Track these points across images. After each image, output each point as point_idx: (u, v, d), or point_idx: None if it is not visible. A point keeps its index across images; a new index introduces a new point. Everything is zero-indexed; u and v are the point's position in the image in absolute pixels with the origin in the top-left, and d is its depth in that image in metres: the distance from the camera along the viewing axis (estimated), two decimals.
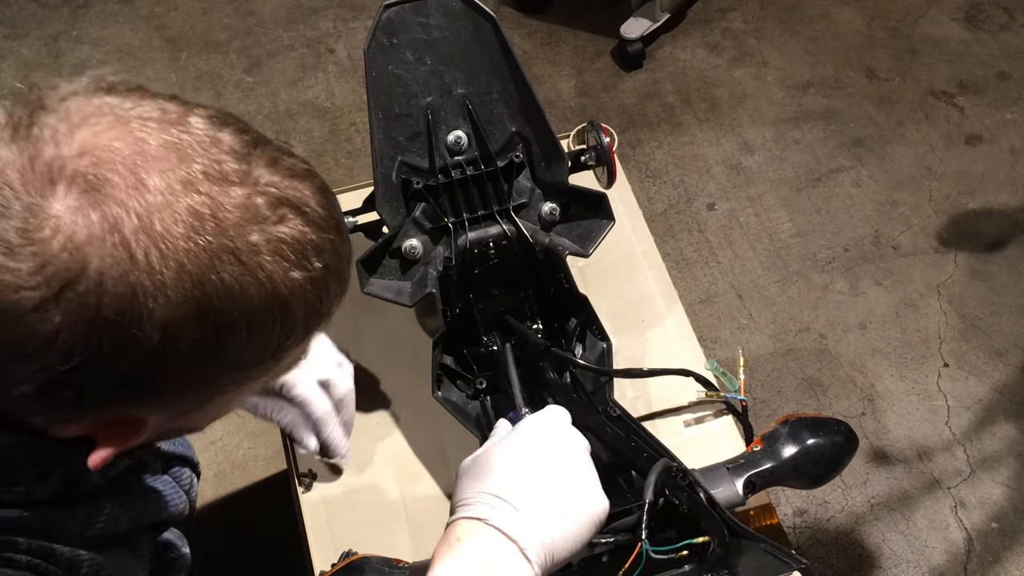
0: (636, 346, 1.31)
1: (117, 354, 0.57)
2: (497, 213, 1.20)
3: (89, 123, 0.58)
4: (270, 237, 0.60)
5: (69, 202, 0.55)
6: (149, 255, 0.56)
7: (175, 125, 0.60)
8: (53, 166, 0.56)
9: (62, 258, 0.55)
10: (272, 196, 0.61)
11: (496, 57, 1.16)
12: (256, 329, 0.62)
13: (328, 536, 1.17)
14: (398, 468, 1.22)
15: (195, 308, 0.58)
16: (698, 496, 0.96)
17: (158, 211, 0.56)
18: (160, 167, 0.57)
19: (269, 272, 0.60)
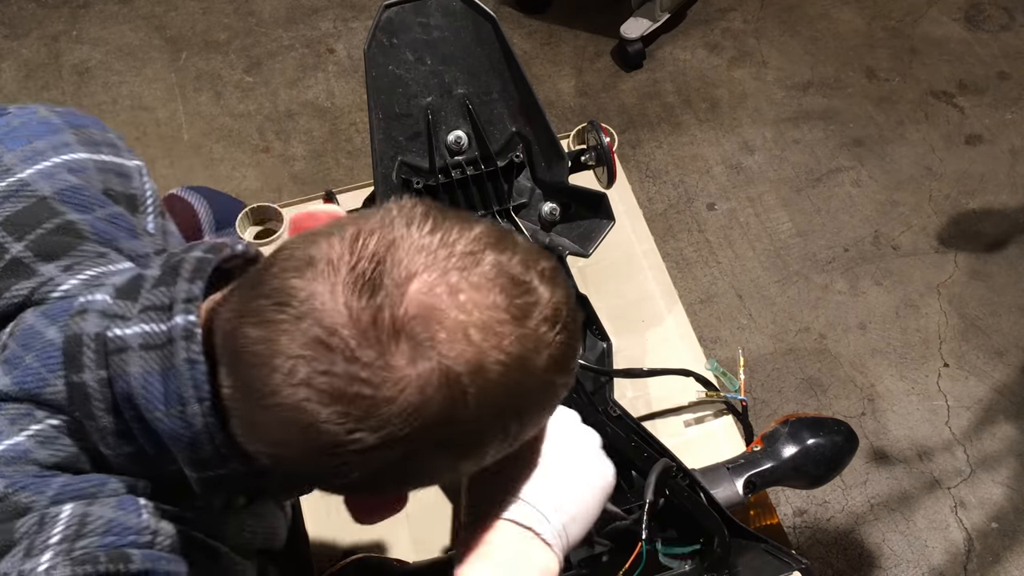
0: (636, 346, 1.31)
1: (432, 471, 0.67)
2: (497, 213, 1.20)
3: (418, 276, 0.61)
4: (550, 358, 0.65)
5: (410, 356, 0.60)
6: (479, 400, 0.62)
7: (475, 267, 0.64)
8: (396, 322, 0.60)
9: (409, 407, 0.60)
10: (548, 317, 0.65)
11: (496, 57, 1.16)
12: (532, 429, 0.70)
13: (329, 536, 1.17)
14: None
15: (501, 432, 0.66)
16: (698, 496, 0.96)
17: (482, 357, 0.61)
18: (475, 316, 0.62)
19: (553, 388, 0.68)
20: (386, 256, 0.62)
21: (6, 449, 0.67)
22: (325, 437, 0.60)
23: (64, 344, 0.68)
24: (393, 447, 0.61)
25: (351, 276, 0.61)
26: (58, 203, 0.77)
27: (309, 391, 0.59)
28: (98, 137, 0.85)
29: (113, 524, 0.67)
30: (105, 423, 0.68)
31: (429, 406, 0.60)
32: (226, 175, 2.71)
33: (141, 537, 0.68)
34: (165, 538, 0.70)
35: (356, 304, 0.60)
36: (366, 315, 0.59)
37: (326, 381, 0.59)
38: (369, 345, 0.59)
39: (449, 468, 0.67)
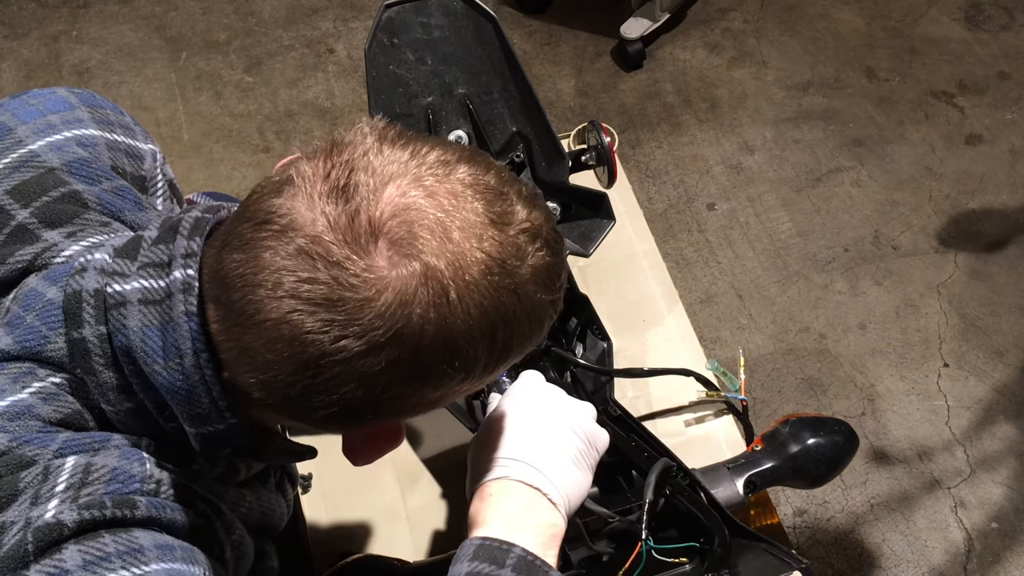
0: (636, 346, 1.31)
1: (428, 387, 0.65)
2: None
3: (394, 182, 0.63)
4: (533, 269, 0.66)
5: (389, 257, 0.61)
6: (463, 301, 0.62)
7: (450, 176, 0.65)
8: (373, 224, 0.61)
9: (390, 312, 0.60)
10: (528, 231, 0.66)
11: (497, 57, 1.16)
12: (524, 346, 0.69)
13: (328, 536, 1.17)
14: (398, 469, 1.21)
15: (490, 341, 0.65)
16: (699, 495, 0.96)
17: (463, 260, 0.62)
18: (455, 220, 0.63)
19: (536, 302, 0.67)
20: (359, 164, 0.63)
21: (9, 405, 0.68)
22: (311, 349, 0.60)
23: (64, 302, 0.69)
24: (378, 354, 0.61)
25: (326, 186, 0.62)
26: (65, 174, 0.78)
27: (294, 302, 0.60)
28: (113, 118, 0.86)
29: (118, 472, 0.68)
30: (106, 378, 0.69)
31: (411, 306, 0.60)
32: (226, 175, 2.71)
33: (145, 485, 0.69)
34: (168, 487, 0.70)
35: (333, 211, 0.61)
36: (343, 220, 0.61)
37: (309, 289, 0.60)
38: (349, 249, 0.60)
39: (437, 383, 0.65)
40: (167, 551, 0.67)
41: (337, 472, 1.22)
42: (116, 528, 0.65)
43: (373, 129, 0.67)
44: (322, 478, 1.21)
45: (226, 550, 0.76)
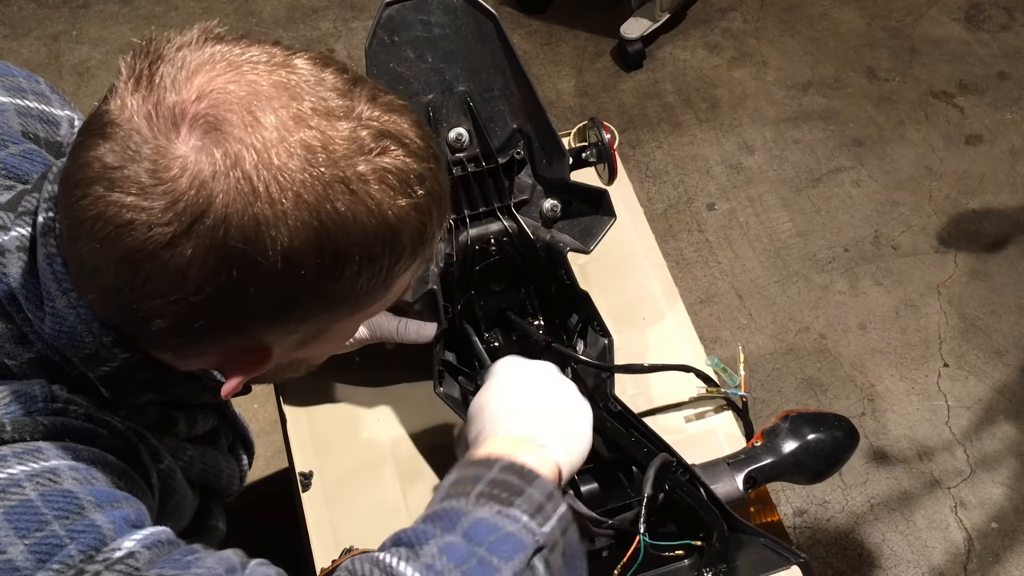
0: (637, 343, 1.31)
1: (245, 281, 0.62)
2: (498, 210, 1.20)
3: (204, 69, 0.63)
4: (376, 167, 0.64)
5: (193, 143, 0.60)
6: (269, 187, 0.60)
7: (282, 67, 0.64)
8: (175, 110, 0.61)
9: (190, 195, 0.59)
10: (375, 129, 0.65)
11: (497, 54, 1.16)
12: (369, 255, 0.66)
13: (329, 533, 1.17)
14: (400, 465, 1.22)
15: (313, 235, 0.62)
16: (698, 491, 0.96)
17: (274, 146, 0.61)
18: (273, 105, 0.62)
19: (377, 200, 0.64)
20: (169, 56, 0.64)
21: None
22: (124, 241, 0.60)
23: None
24: (183, 243, 0.60)
25: (134, 75, 0.63)
26: None
27: (104, 192, 0.60)
28: (25, 85, 0.86)
29: (18, 394, 0.68)
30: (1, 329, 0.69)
31: (211, 191, 0.59)
32: None
33: (51, 405, 0.69)
34: (79, 408, 0.70)
35: (138, 100, 0.61)
36: (147, 108, 0.61)
37: (120, 175, 0.60)
38: (153, 135, 0.60)
39: (260, 282, 0.63)
40: (70, 451, 0.67)
41: (337, 469, 1.22)
42: (18, 443, 0.66)
43: (202, 29, 0.67)
44: (322, 475, 1.21)
45: (151, 475, 0.76)
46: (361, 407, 1.26)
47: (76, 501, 0.64)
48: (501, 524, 0.71)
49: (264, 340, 0.70)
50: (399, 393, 1.27)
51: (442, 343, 1.17)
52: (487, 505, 0.72)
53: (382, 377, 1.28)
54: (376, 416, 1.26)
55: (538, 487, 0.75)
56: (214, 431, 0.93)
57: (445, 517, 0.72)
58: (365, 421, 1.25)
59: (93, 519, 0.64)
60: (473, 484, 0.75)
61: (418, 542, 0.70)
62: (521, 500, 0.73)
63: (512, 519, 0.71)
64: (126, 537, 0.64)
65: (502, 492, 0.74)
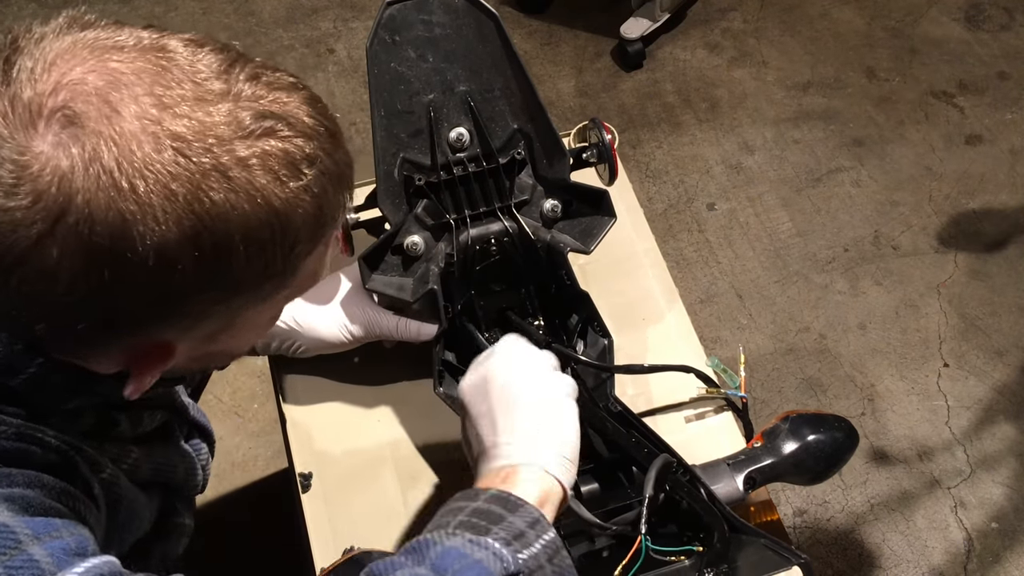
0: (637, 344, 1.31)
1: (117, 280, 0.59)
2: (499, 210, 1.20)
3: (63, 59, 0.60)
4: (258, 151, 0.61)
5: (50, 139, 0.57)
6: (132, 182, 0.57)
7: (151, 51, 0.61)
8: (32, 106, 0.58)
9: (51, 193, 0.57)
10: (256, 110, 0.62)
11: (498, 54, 1.16)
12: (255, 244, 0.63)
13: (329, 533, 1.17)
14: (399, 465, 1.22)
15: (188, 229, 0.59)
16: (698, 491, 0.96)
17: (135, 138, 0.58)
18: (135, 93, 0.59)
19: (260, 186, 0.61)
20: (29, 47, 0.61)
21: None
22: None
23: None
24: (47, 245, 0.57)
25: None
26: None
27: None
28: None
29: None
30: None
31: (71, 189, 0.57)
32: None
33: None
34: (9, 427, 0.67)
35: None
36: (3, 101, 0.58)
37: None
38: (11, 134, 0.58)
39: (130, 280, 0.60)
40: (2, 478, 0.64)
41: (337, 470, 1.22)
42: None
43: (68, 16, 0.64)
44: (322, 476, 1.21)
45: (93, 487, 0.73)
46: (361, 407, 1.26)
47: (12, 535, 0.61)
48: (469, 552, 0.69)
49: (161, 338, 0.67)
50: (399, 393, 1.27)
51: (442, 343, 1.17)
52: (461, 535, 0.71)
53: (382, 377, 1.28)
54: (376, 416, 1.26)
55: (522, 515, 0.75)
56: (165, 425, 0.90)
57: (418, 549, 0.71)
58: (365, 421, 1.25)
59: (31, 553, 0.61)
60: (455, 515, 0.75)
61: (386, 574, 0.69)
62: (499, 528, 0.72)
63: (482, 547, 0.70)
64: (67, 571, 0.61)
65: (480, 521, 0.73)
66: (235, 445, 2.21)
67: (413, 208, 1.19)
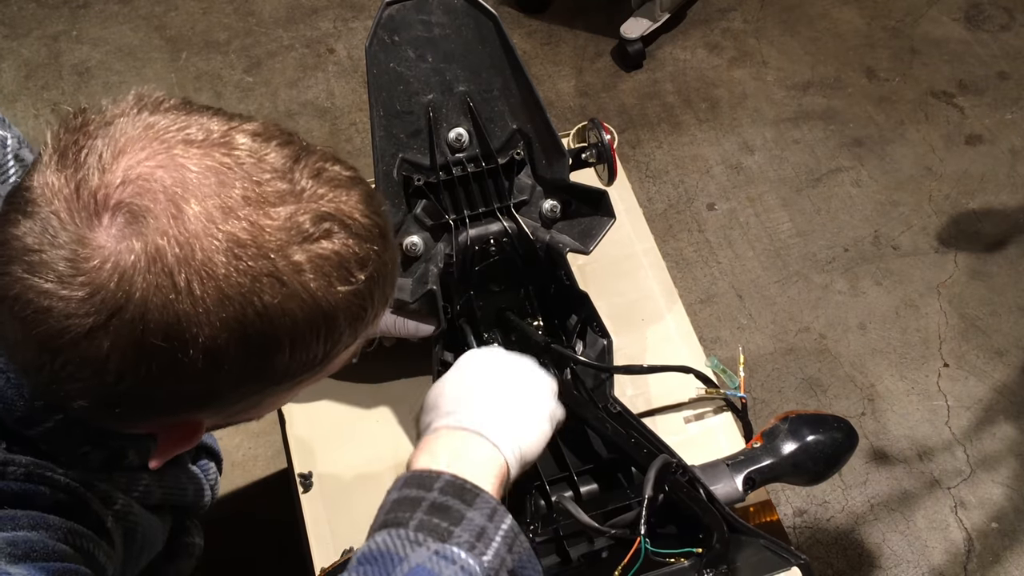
0: (636, 344, 1.31)
1: (165, 375, 0.60)
2: (498, 210, 1.20)
3: (133, 149, 0.59)
4: (313, 255, 0.61)
5: (113, 232, 0.57)
6: (191, 283, 0.57)
7: (218, 147, 0.61)
8: (98, 195, 0.58)
9: (109, 288, 0.57)
10: (316, 212, 0.62)
11: (497, 54, 1.16)
12: (300, 344, 0.64)
13: (328, 534, 1.17)
14: (399, 465, 1.21)
15: (238, 332, 0.60)
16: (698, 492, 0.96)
17: (197, 239, 0.58)
18: (200, 194, 0.58)
19: (311, 290, 0.61)
20: (99, 131, 0.60)
21: None
22: (42, 327, 0.58)
23: None
24: (100, 336, 0.58)
25: (57, 151, 0.60)
26: None
27: (23, 274, 0.58)
28: None
29: None
30: None
31: (131, 286, 0.57)
32: None
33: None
34: (18, 467, 0.68)
35: (60, 180, 0.58)
36: (68, 190, 0.58)
37: (39, 259, 0.57)
38: (74, 221, 0.57)
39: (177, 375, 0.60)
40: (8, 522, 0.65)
41: (337, 471, 1.22)
42: None
43: (138, 96, 0.63)
44: (322, 477, 1.21)
45: (105, 521, 0.74)
46: (361, 407, 1.26)
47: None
48: (438, 570, 0.68)
49: (193, 418, 0.69)
50: (399, 393, 1.27)
51: (442, 343, 1.17)
52: (424, 544, 0.70)
53: (381, 377, 1.28)
54: (376, 416, 1.26)
55: (479, 507, 0.74)
56: None
57: (381, 562, 0.69)
58: (364, 421, 1.25)
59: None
60: (412, 509, 0.73)
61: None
62: (460, 529, 0.72)
63: (449, 560, 0.69)
64: None
65: (441, 522, 0.72)
66: (235, 445, 2.21)
67: (412, 208, 1.19)
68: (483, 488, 0.76)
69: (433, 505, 0.73)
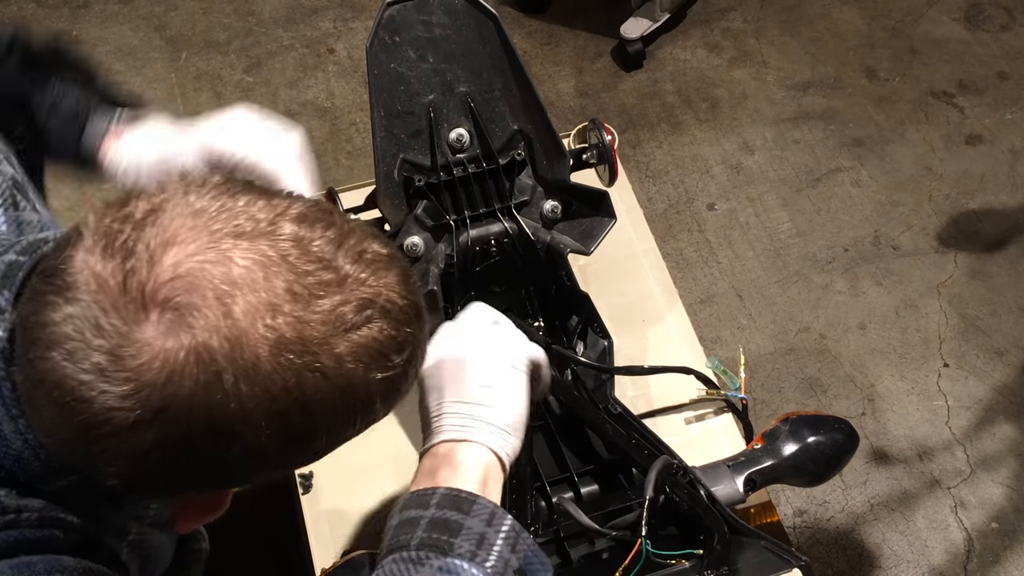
0: (636, 345, 1.31)
1: (206, 465, 0.61)
2: (499, 211, 1.20)
3: (182, 239, 0.58)
4: (354, 344, 0.61)
5: (161, 329, 0.57)
6: (238, 382, 0.57)
7: (264, 237, 0.60)
8: (146, 290, 0.57)
9: (156, 385, 0.56)
10: (358, 300, 0.61)
11: (498, 55, 1.16)
12: (337, 430, 0.65)
13: (328, 535, 1.17)
14: (398, 467, 1.22)
15: (280, 426, 0.60)
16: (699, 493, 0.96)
17: (245, 336, 0.57)
18: (246, 291, 0.58)
19: (351, 378, 0.61)
20: (148, 218, 0.59)
21: None
22: (81, 416, 0.57)
23: None
24: (144, 431, 0.57)
25: (106, 240, 0.58)
26: None
27: (65, 364, 0.57)
28: None
29: None
30: None
31: (179, 385, 0.57)
32: None
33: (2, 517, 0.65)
34: (32, 513, 0.67)
35: (107, 270, 0.57)
36: (115, 282, 0.57)
37: (80, 349, 0.56)
38: (118, 315, 0.56)
39: (221, 465, 0.61)
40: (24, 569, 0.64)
41: (337, 471, 1.22)
42: None
43: (185, 178, 0.62)
44: (322, 478, 1.21)
45: (120, 553, 0.74)
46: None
47: None
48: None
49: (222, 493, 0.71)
50: None
51: None
52: (427, 564, 0.71)
53: None
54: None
55: (477, 513, 0.75)
56: None
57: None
58: None
59: None
60: (413, 529, 0.74)
61: None
62: (460, 540, 0.72)
63: (453, 574, 0.70)
64: None
65: (441, 536, 0.73)
66: None
67: (413, 209, 1.19)
68: (478, 494, 0.76)
69: (431, 521, 0.74)
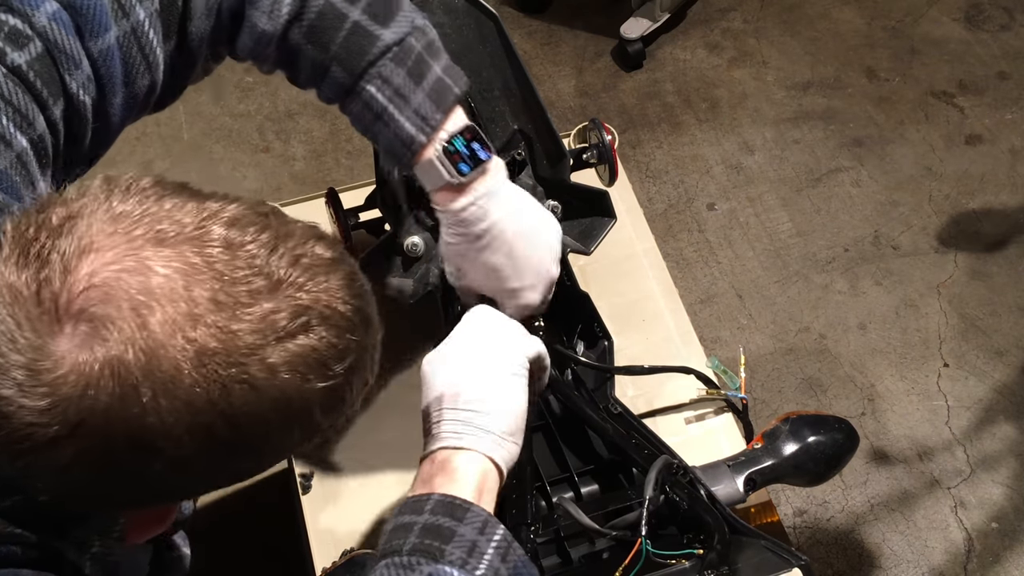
0: (637, 344, 1.31)
1: (131, 481, 0.59)
2: None
3: (99, 247, 0.56)
4: (289, 354, 0.58)
5: (75, 341, 0.54)
6: (156, 396, 0.55)
7: (189, 243, 0.57)
8: (59, 301, 0.55)
9: (72, 399, 0.54)
10: (293, 306, 0.59)
11: (498, 54, 1.16)
12: (272, 440, 0.62)
13: (328, 535, 1.17)
14: (398, 467, 1.22)
15: (206, 441, 0.57)
16: (699, 493, 0.96)
17: (162, 348, 0.55)
18: (164, 302, 0.55)
19: (285, 390, 0.59)
20: (64, 227, 0.56)
21: None
22: (7, 430, 0.55)
23: None
24: (63, 447, 0.55)
25: (20, 248, 0.56)
26: None
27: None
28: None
29: None
30: None
31: (94, 399, 0.54)
32: (226, 175, 2.71)
33: None
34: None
35: (20, 280, 0.55)
36: (28, 292, 0.55)
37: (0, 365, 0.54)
38: (31, 327, 0.54)
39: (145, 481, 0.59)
40: None
41: (337, 471, 1.22)
42: None
43: (106, 180, 0.59)
44: (322, 477, 1.21)
45: (83, 567, 0.71)
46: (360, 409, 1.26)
47: None
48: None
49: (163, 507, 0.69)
50: (399, 393, 1.27)
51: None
52: (417, 569, 0.70)
53: (381, 379, 1.28)
54: (375, 416, 1.26)
55: (470, 521, 0.74)
56: None
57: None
58: (364, 422, 1.25)
59: None
60: (406, 534, 0.73)
61: None
62: (452, 547, 0.72)
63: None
64: None
65: (433, 542, 0.72)
66: None
67: (413, 209, 1.18)
68: (472, 502, 0.76)
69: (424, 527, 0.74)
